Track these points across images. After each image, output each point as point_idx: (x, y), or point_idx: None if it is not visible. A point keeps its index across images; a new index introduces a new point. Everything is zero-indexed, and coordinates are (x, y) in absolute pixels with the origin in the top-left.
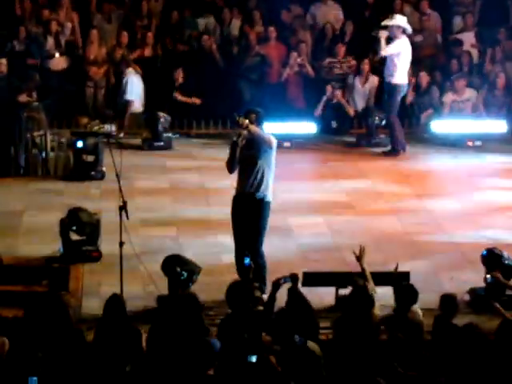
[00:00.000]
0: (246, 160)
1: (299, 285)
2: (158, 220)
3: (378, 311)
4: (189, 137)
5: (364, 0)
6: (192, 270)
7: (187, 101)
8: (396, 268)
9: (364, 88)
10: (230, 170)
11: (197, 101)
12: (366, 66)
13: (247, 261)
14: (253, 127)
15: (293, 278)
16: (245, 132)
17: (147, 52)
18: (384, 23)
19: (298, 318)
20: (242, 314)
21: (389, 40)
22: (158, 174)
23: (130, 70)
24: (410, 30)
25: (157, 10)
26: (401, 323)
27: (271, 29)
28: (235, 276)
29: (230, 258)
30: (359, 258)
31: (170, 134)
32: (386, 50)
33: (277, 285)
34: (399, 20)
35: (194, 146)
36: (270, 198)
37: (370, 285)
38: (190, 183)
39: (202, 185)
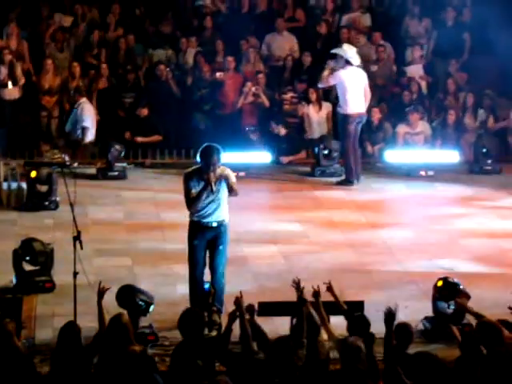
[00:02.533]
0: (215, 193)
1: (255, 315)
2: (112, 250)
3: (326, 339)
4: (143, 167)
5: (317, 31)
6: (148, 300)
7: (148, 141)
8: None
9: (319, 116)
10: (193, 209)
11: (158, 138)
12: (312, 94)
13: (207, 286)
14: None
15: (249, 309)
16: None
17: (102, 84)
18: (332, 51)
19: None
20: (195, 341)
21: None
22: (113, 204)
23: (84, 99)
24: (355, 61)
25: (110, 40)
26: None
27: (230, 59)
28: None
29: (184, 288)
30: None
31: (124, 164)
32: (320, 82)
33: (233, 316)
34: (345, 50)
35: (148, 175)
36: None
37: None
38: (144, 213)
39: (157, 215)
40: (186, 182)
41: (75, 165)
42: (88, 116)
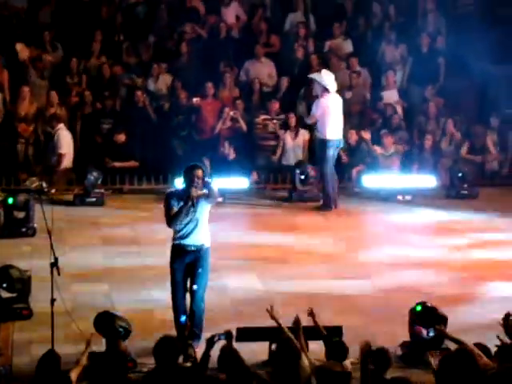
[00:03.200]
0: (194, 212)
1: (233, 341)
2: (89, 276)
3: (307, 363)
4: (121, 192)
5: (294, 56)
6: (127, 326)
7: (125, 166)
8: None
9: (295, 142)
10: (173, 225)
11: (134, 164)
12: (292, 119)
13: (183, 318)
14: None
15: (227, 334)
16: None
17: (86, 110)
18: (309, 76)
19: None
20: (168, 368)
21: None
22: (90, 230)
23: (61, 125)
24: (332, 88)
25: (90, 66)
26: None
27: (209, 85)
28: (169, 332)
29: (163, 313)
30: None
31: (102, 190)
32: (309, 119)
33: (211, 342)
34: (322, 76)
35: (126, 201)
36: None
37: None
38: (122, 239)
39: (135, 241)
40: (167, 200)
41: (52, 191)
42: (64, 143)
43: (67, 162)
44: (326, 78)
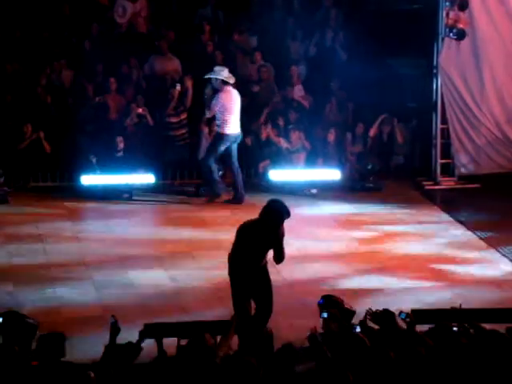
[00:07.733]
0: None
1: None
2: None
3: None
4: (25, 190)
5: (200, 52)
6: (35, 323)
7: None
8: None
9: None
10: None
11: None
12: (203, 124)
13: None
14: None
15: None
16: None
17: None
18: (206, 76)
19: None
20: (49, 365)
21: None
22: None
23: None
24: (231, 80)
25: None
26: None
27: (112, 80)
28: (77, 329)
29: (69, 310)
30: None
31: (5, 188)
32: (208, 113)
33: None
34: (217, 71)
35: (30, 199)
36: None
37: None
38: (26, 236)
39: (40, 238)
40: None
41: None
42: None
43: None
44: (222, 72)
